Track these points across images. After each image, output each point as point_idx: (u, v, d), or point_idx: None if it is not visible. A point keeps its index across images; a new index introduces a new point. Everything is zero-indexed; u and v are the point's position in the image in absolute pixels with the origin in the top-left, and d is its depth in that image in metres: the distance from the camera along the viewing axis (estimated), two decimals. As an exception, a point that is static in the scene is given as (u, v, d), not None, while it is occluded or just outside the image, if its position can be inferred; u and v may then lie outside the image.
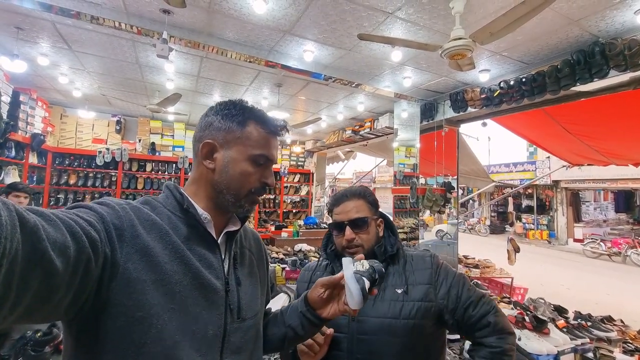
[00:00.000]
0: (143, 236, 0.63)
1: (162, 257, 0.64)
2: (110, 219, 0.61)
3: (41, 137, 4.66)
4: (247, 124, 0.76)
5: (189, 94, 4.91)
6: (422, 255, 1.12)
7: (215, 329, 0.68)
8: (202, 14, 2.69)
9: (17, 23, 2.96)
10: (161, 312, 0.61)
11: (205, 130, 0.76)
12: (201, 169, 0.77)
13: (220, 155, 0.75)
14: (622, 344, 2.63)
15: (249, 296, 0.78)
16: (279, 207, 7.39)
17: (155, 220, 0.68)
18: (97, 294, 0.57)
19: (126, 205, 0.67)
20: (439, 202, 4.53)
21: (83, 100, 5.49)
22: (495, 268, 5.06)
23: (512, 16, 1.96)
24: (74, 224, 0.52)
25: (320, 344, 0.95)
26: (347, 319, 1.03)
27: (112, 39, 3.23)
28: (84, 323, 0.58)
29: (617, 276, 8.20)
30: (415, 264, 1.09)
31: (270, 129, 0.78)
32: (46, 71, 4.15)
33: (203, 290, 0.67)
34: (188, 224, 0.72)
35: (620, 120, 3.72)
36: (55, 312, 0.51)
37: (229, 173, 0.74)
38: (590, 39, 2.75)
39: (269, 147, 0.78)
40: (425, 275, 1.06)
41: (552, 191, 13.99)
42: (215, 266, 0.72)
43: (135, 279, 0.60)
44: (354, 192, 1.13)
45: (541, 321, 2.46)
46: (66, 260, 0.47)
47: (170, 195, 0.75)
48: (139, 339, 0.59)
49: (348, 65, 3.64)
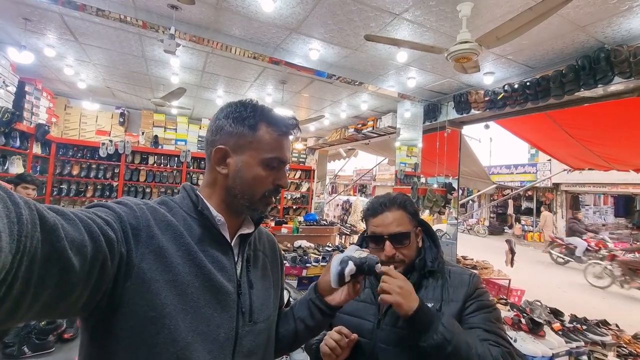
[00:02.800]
0: (158, 237, 0.64)
1: (176, 259, 0.65)
2: (128, 219, 0.62)
3: (45, 128, 4.69)
4: (259, 127, 0.74)
5: (194, 89, 4.93)
6: (461, 272, 1.05)
7: (227, 332, 0.68)
8: (209, 10, 2.70)
9: (25, 14, 2.97)
10: (174, 313, 0.61)
11: (217, 134, 0.75)
12: (214, 173, 0.76)
13: (232, 161, 0.74)
14: (617, 348, 2.66)
15: (261, 299, 0.78)
16: (280, 203, 7.43)
17: (171, 222, 0.68)
18: (112, 293, 0.58)
19: (143, 205, 0.68)
20: (439, 202, 4.55)
21: (87, 92, 5.51)
22: (493, 269, 5.10)
23: (519, 21, 1.98)
24: (92, 223, 0.53)
25: (343, 347, 0.94)
26: (372, 325, 1.01)
27: (118, 32, 3.24)
28: (99, 320, 0.59)
29: (614, 280, 8.22)
30: (452, 280, 1.02)
31: (282, 130, 0.77)
32: (52, 62, 4.16)
33: (215, 293, 0.68)
34: (202, 226, 0.72)
35: (623, 126, 3.73)
36: (72, 309, 0.52)
37: (243, 178, 0.74)
38: (596, 44, 2.76)
39: (281, 149, 0.77)
40: (461, 293, 0.99)
41: (552, 194, 14.00)
42: (227, 268, 0.72)
43: (150, 279, 0.60)
44: (393, 201, 1.04)
45: (537, 323, 2.50)
46: (83, 259, 0.48)
47: (187, 197, 0.75)
48: (151, 338, 0.59)
49: (353, 65, 3.65)
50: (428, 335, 0.84)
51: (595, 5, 2.26)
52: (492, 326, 0.95)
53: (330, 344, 0.94)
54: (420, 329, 0.86)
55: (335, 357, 0.94)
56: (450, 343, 0.83)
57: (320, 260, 4.25)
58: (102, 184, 5.84)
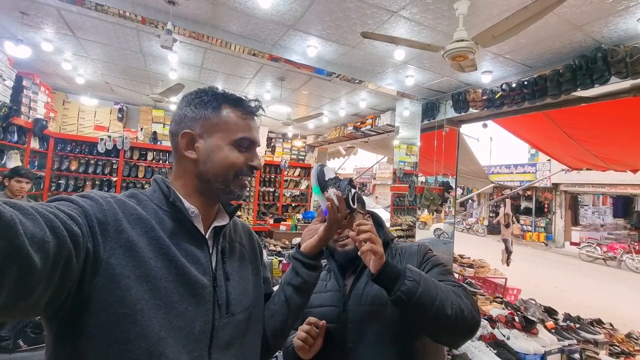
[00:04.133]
0: (127, 231, 0.62)
1: (147, 253, 0.63)
2: (94, 212, 0.60)
3: (43, 123, 4.68)
4: (222, 109, 0.75)
5: (192, 85, 4.92)
6: (410, 245, 1.16)
7: (202, 325, 0.67)
8: (206, 5, 2.70)
9: (22, 8, 2.96)
10: (145, 309, 0.60)
11: (181, 123, 0.75)
12: (184, 162, 0.75)
13: (201, 145, 0.74)
14: (609, 347, 2.68)
15: (239, 290, 0.77)
16: (279, 200, 7.44)
17: (141, 215, 0.66)
18: (78, 290, 0.55)
19: (111, 198, 0.66)
20: (436, 201, 4.56)
21: (86, 87, 5.49)
22: (489, 268, 5.12)
23: (515, 20, 1.97)
24: (54, 217, 0.50)
25: (314, 337, 0.97)
26: (338, 310, 1.06)
27: (116, 27, 3.23)
28: (65, 320, 0.57)
29: (610, 280, 8.27)
30: (403, 254, 1.13)
31: (246, 110, 0.77)
32: (50, 57, 4.15)
33: (189, 286, 0.66)
34: (175, 219, 0.70)
35: (620, 126, 3.73)
36: (33, 308, 0.50)
37: (214, 160, 0.73)
38: (593, 44, 2.75)
39: (249, 130, 0.77)
40: (414, 262, 1.08)
41: (551, 194, 14.02)
42: (202, 261, 0.71)
43: (119, 275, 0.58)
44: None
45: (530, 322, 2.52)
46: (45, 255, 0.46)
47: (158, 189, 0.73)
48: (122, 335, 0.58)
49: (351, 62, 3.64)
50: (400, 282, 0.87)
51: (591, 5, 2.25)
52: (446, 276, 1.04)
53: (301, 336, 0.97)
54: (393, 277, 0.89)
55: (308, 348, 0.97)
56: (420, 284, 0.87)
57: (317, 258, 4.27)
58: (100, 179, 5.85)
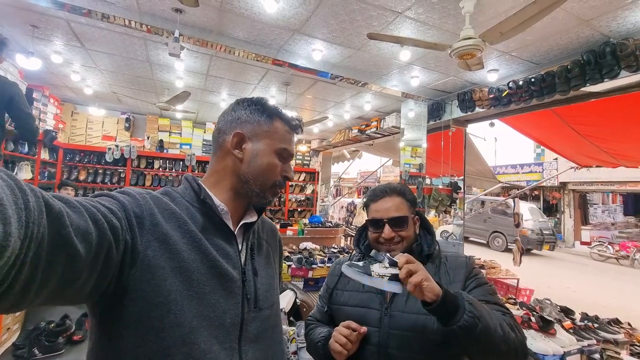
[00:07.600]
0: (162, 224, 0.65)
1: (181, 246, 0.66)
2: (131, 207, 0.63)
3: (53, 134, 4.73)
4: (274, 119, 0.81)
5: (198, 92, 4.96)
6: (457, 255, 1.10)
7: (232, 318, 0.69)
8: (213, 12, 2.73)
9: (32, 21, 3.02)
10: (179, 299, 0.62)
11: (233, 122, 0.79)
12: (227, 160, 0.79)
13: (249, 147, 0.78)
14: (630, 347, 2.62)
15: (266, 286, 0.80)
16: (285, 205, 7.43)
17: (174, 210, 0.70)
18: (118, 279, 0.59)
19: (146, 194, 0.69)
20: (445, 202, 4.53)
21: (94, 98, 5.58)
22: (500, 269, 5.04)
23: (523, 16, 1.96)
24: (96, 211, 0.54)
25: (353, 342, 0.94)
26: (380, 313, 1.02)
27: (124, 37, 3.28)
28: (107, 306, 0.61)
29: (625, 279, 8.09)
30: (449, 264, 1.06)
31: (291, 126, 0.84)
32: (59, 69, 4.22)
33: (220, 279, 0.69)
34: (205, 215, 0.73)
35: (630, 121, 3.68)
36: (78, 295, 0.53)
37: (257, 163, 0.78)
38: (601, 39, 2.73)
39: (291, 143, 0.83)
40: (460, 274, 1.03)
41: (559, 193, 13.84)
42: (232, 256, 0.73)
43: (155, 266, 0.62)
44: (393, 188, 1.10)
45: (547, 322, 2.46)
46: (88, 245, 0.49)
47: (189, 187, 0.77)
48: (158, 323, 0.61)
49: (356, 65, 3.65)
50: (458, 316, 0.80)
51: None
52: (494, 298, 1.00)
53: (341, 340, 0.94)
54: (451, 310, 0.81)
55: (346, 352, 0.93)
56: (479, 321, 0.80)
57: (326, 261, 4.24)
58: (108, 188, 5.89)
